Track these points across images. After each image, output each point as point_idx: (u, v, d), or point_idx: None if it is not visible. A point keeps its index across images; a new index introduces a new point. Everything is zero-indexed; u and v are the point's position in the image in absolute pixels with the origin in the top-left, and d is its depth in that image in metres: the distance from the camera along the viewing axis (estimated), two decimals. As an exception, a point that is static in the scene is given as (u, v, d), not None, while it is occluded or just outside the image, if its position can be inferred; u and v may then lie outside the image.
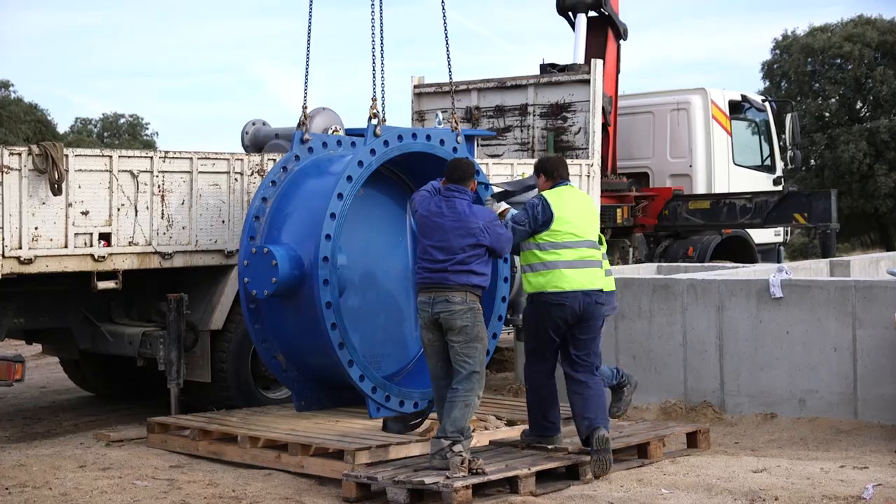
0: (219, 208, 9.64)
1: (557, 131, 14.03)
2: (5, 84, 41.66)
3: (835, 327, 9.23)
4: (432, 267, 7.50)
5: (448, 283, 7.45)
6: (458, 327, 7.44)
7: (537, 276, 7.69)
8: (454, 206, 7.58)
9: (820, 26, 36.75)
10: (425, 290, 7.55)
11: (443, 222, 7.54)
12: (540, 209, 7.67)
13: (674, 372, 10.00)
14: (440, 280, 7.47)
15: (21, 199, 8.54)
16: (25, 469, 8.00)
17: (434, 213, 7.59)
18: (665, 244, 15.20)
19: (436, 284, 7.48)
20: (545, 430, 7.91)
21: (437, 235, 7.52)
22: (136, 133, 50.39)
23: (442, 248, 7.48)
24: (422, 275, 7.56)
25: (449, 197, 7.64)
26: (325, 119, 10.89)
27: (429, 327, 7.56)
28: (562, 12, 14.97)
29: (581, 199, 7.95)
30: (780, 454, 8.34)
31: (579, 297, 7.62)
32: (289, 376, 9.11)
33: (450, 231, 7.50)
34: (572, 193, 7.90)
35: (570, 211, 7.73)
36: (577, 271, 7.65)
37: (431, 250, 7.51)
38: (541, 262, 7.67)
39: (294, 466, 7.90)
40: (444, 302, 7.44)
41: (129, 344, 9.57)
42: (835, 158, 34.07)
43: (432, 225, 7.58)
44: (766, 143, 16.65)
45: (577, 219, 7.74)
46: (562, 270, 7.62)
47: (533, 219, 7.65)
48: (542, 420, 7.89)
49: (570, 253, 7.65)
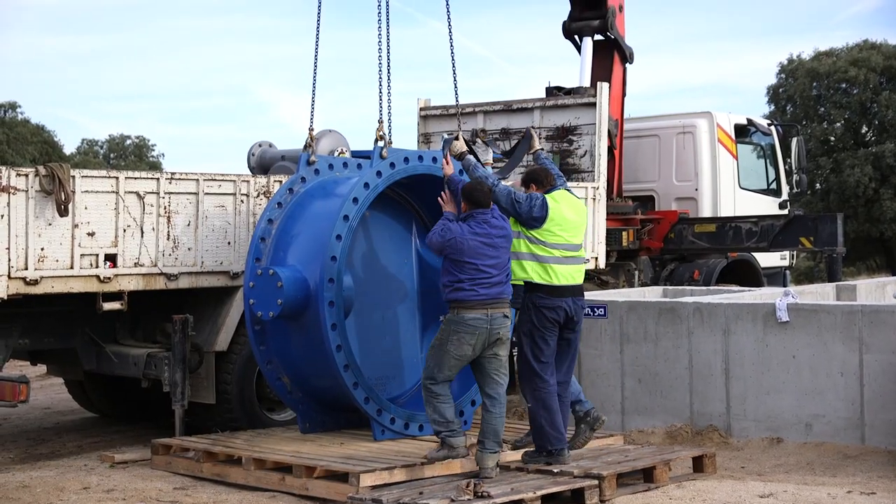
0: (224, 230, 9.65)
1: (563, 154, 14.03)
2: (12, 105, 41.87)
3: (841, 352, 9.20)
4: (490, 281, 7.82)
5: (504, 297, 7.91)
6: (506, 339, 7.93)
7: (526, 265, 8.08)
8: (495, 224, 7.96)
9: (825, 51, 36.84)
10: (481, 307, 7.78)
11: (492, 241, 7.87)
12: (539, 203, 8.05)
13: (679, 395, 9.97)
14: (497, 294, 7.85)
15: (28, 220, 8.55)
16: (29, 490, 7.98)
17: (480, 235, 7.86)
18: (671, 267, 15.17)
19: (492, 300, 7.83)
20: (559, 441, 8.05)
21: (489, 252, 7.85)
22: (143, 154, 50.53)
23: (495, 264, 7.85)
24: (477, 292, 7.77)
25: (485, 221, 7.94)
26: (331, 141, 10.90)
27: (480, 343, 7.82)
28: (568, 36, 15.00)
29: (575, 206, 8.31)
30: (786, 479, 8.30)
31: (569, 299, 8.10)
32: (294, 398, 9.09)
33: (501, 248, 7.91)
34: (568, 198, 8.26)
35: (564, 216, 8.15)
36: (565, 267, 8.10)
37: (487, 269, 7.81)
38: (531, 254, 8.07)
39: (299, 489, 7.87)
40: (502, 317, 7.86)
41: (134, 365, 9.56)
42: (840, 183, 34.08)
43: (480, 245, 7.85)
44: (771, 166, 16.63)
45: (569, 225, 8.16)
46: (552, 266, 8.06)
47: (529, 207, 8.03)
48: (556, 433, 8.05)
49: (558, 252, 8.08)
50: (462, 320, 7.76)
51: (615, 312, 10.35)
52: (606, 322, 10.37)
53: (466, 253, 7.80)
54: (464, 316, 7.76)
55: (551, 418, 8.01)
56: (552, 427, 8.02)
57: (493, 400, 7.86)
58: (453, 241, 7.82)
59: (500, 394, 7.87)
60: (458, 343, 7.78)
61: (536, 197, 8.08)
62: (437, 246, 7.94)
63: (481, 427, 7.89)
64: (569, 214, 8.17)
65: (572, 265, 8.16)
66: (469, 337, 7.76)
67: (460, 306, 7.79)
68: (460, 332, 7.76)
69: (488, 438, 7.79)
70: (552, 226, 8.05)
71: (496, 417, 7.82)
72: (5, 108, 41.46)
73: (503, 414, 7.87)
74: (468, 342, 7.77)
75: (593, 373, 10.31)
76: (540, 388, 8.04)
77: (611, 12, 14.57)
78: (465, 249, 7.80)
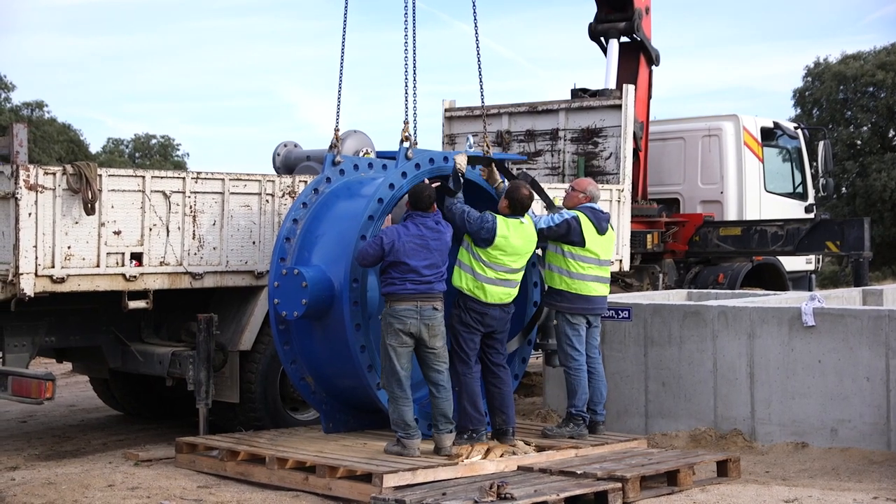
0: (250, 229, 9.68)
1: (588, 156, 14.00)
2: (39, 105, 42.10)
3: (868, 356, 9.14)
4: (420, 279, 8.31)
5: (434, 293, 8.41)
6: (441, 332, 8.44)
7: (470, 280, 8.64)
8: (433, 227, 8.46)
9: (852, 54, 36.66)
10: (410, 300, 8.27)
11: (426, 244, 8.36)
12: (489, 226, 8.56)
13: (704, 399, 9.92)
14: (426, 290, 8.33)
15: (55, 219, 8.60)
16: (54, 487, 8.02)
17: (414, 236, 8.33)
18: (695, 270, 15.11)
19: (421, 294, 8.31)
20: (480, 423, 8.66)
21: (422, 254, 8.32)
22: (168, 154, 50.72)
23: (428, 265, 8.34)
24: (406, 287, 8.27)
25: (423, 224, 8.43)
26: (356, 142, 10.91)
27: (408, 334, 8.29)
28: (594, 38, 14.96)
29: (525, 235, 8.76)
30: (811, 484, 8.25)
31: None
32: (317, 398, 9.11)
33: (435, 251, 8.40)
34: (521, 228, 8.72)
35: (511, 242, 8.63)
36: (497, 288, 8.63)
37: (419, 269, 8.29)
38: (469, 267, 8.63)
39: (322, 489, 7.89)
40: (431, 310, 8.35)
41: (159, 363, 9.59)
42: (866, 186, 33.89)
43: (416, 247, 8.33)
44: (797, 170, 16.55)
45: (513, 250, 8.65)
46: (485, 285, 8.59)
47: (479, 227, 8.54)
48: (478, 414, 8.66)
49: (493, 273, 8.61)
50: (394, 312, 8.24)
51: (639, 315, 10.32)
52: (631, 325, 10.34)
53: (399, 252, 8.25)
54: (395, 308, 8.24)
55: (474, 401, 8.62)
56: (474, 409, 8.61)
57: (438, 386, 8.43)
58: (390, 246, 8.24)
59: (443, 380, 8.45)
60: (395, 334, 8.24)
61: (487, 219, 8.58)
62: (367, 261, 8.35)
63: (432, 412, 8.44)
64: (516, 241, 8.66)
65: (505, 287, 8.69)
66: (402, 327, 8.23)
67: (392, 299, 8.29)
68: (394, 324, 8.24)
69: (440, 421, 8.37)
70: (495, 249, 8.57)
71: (443, 401, 8.40)
72: (32, 106, 41.71)
73: (449, 397, 8.44)
74: (403, 331, 8.23)
75: (617, 375, 10.28)
76: (465, 374, 8.63)
77: (637, 14, 14.52)
78: (399, 249, 8.25)
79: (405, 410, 8.29)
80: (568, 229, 9.03)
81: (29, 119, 40.17)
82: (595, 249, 9.14)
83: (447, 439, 8.34)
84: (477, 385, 8.71)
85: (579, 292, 9.11)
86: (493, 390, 8.83)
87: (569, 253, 9.10)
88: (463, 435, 8.54)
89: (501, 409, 8.78)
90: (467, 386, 8.63)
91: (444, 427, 8.36)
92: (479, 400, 8.70)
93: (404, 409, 8.29)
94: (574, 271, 9.10)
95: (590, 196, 9.36)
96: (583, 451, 8.73)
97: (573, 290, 9.11)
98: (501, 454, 8.41)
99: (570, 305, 9.14)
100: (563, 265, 9.12)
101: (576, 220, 9.07)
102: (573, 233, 9.04)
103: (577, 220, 9.07)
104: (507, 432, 8.75)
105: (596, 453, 8.72)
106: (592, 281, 9.16)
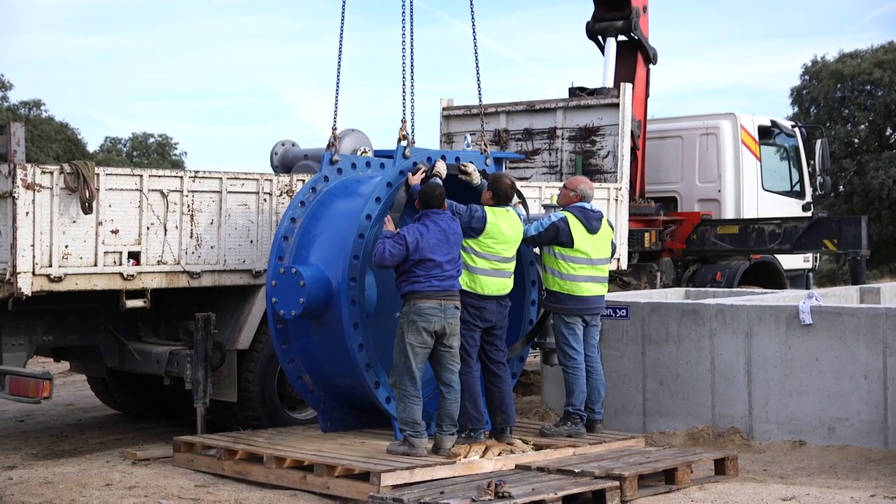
0: (247, 228, 9.67)
1: (586, 155, 14.01)
2: (36, 103, 42.07)
3: (865, 355, 9.15)
4: (444, 275, 8.29)
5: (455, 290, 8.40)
6: (458, 331, 8.41)
7: None
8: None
9: (850, 52, 36.67)
10: (434, 298, 8.24)
11: (447, 238, 8.36)
12: (478, 216, 8.64)
13: (701, 397, 9.93)
14: (448, 287, 8.33)
15: (52, 218, 8.59)
16: (52, 486, 8.02)
17: (434, 232, 8.32)
18: (693, 269, 15.12)
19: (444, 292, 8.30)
20: (479, 422, 8.64)
21: (443, 248, 8.32)
22: (165, 153, 50.67)
23: (450, 260, 8.35)
24: (431, 283, 8.23)
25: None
26: (354, 140, 10.91)
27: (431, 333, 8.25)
28: (591, 36, 14.97)
29: (512, 223, 8.81)
30: (809, 482, 8.26)
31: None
32: (315, 397, 9.11)
33: (454, 244, 8.41)
34: (507, 215, 8.79)
35: (501, 230, 8.71)
36: (491, 279, 8.69)
37: (442, 263, 8.29)
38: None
39: (320, 487, 7.89)
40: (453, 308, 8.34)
41: (157, 363, 9.59)
42: (864, 185, 33.91)
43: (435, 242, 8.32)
44: (795, 168, 16.56)
45: (504, 238, 8.72)
46: (479, 276, 8.65)
47: (469, 217, 8.61)
48: (478, 414, 8.65)
49: (486, 263, 8.67)
50: (419, 311, 8.17)
51: (637, 314, 10.33)
52: (628, 323, 10.34)
53: (425, 250, 8.22)
54: (419, 306, 8.17)
55: (474, 400, 8.61)
56: (474, 408, 8.61)
57: (449, 388, 8.38)
58: (415, 244, 8.21)
59: (455, 381, 8.40)
60: (418, 333, 8.16)
61: (476, 209, 8.65)
62: (394, 261, 8.26)
63: (438, 412, 8.39)
64: (506, 228, 8.73)
65: (499, 278, 8.73)
66: (426, 325, 8.18)
67: (416, 297, 8.21)
68: (417, 322, 8.16)
69: (445, 422, 8.33)
70: (487, 237, 8.63)
71: (451, 402, 8.36)
72: (29, 105, 41.68)
73: (457, 399, 8.39)
74: (427, 330, 8.19)
75: (615, 374, 10.28)
76: (465, 373, 8.56)
77: (634, 13, 14.53)
78: (424, 247, 8.22)
79: (415, 409, 8.24)
80: (556, 232, 9.05)
81: (26, 118, 40.14)
82: (585, 249, 9.13)
83: (448, 441, 8.30)
84: (477, 384, 8.71)
85: (571, 293, 9.12)
86: (492, 389, 8.83)
87: (559, 254, 9.11)
88: (461, 434, 8.54)
89: (501, 408, 8.78)
90: (468, 385, 8.59)
91: (448, 429, 8.33)
92: (480, 399, 8.70)
93: (415, 407, 8.23)
94: (565, 272, 9.10)
95: (581, 195, 9.35)
96: (581, 450, 8.74)
97: (565, 291, 9.12)
98: (499, 453, 8.42)
99: (564, 306, 9.14)
100: (555, 266, 9.14)
101: (564, 221, 9.08)
102: (562, 234, 9.06)
103: (566, 221, 9.08)
104: (506, 431, 8.75)
105: (594, 452, 8.72)
106: (585, 281, 9.15)
